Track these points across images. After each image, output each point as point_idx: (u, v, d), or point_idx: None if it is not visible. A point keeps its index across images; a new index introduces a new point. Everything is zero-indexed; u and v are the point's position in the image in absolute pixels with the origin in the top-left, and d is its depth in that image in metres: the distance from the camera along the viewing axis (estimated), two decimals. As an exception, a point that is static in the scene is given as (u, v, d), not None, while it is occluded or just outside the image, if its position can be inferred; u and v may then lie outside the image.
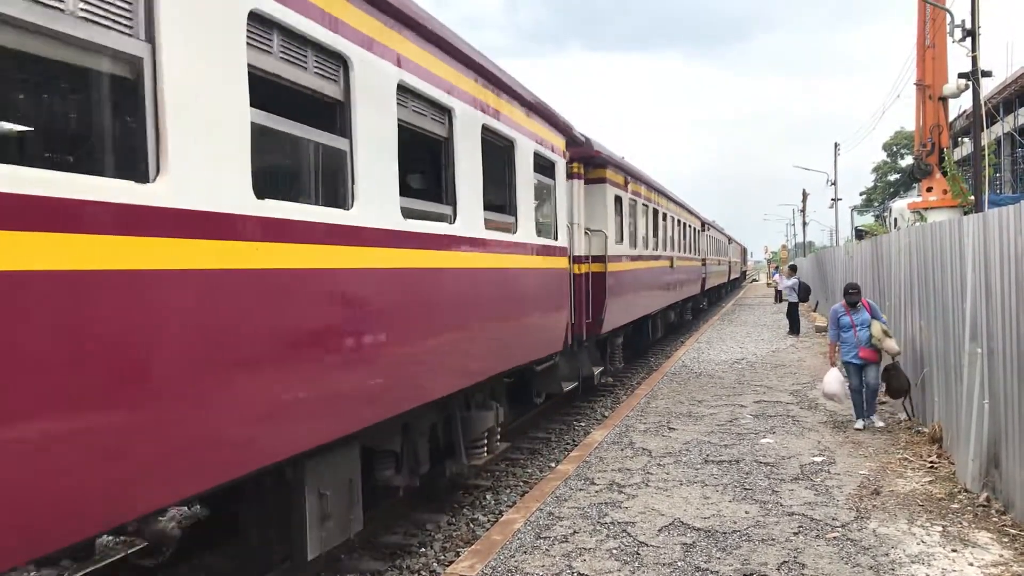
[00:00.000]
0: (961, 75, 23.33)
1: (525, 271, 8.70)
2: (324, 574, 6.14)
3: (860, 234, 38.76)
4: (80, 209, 3.26)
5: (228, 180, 4.12)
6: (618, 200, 13.98)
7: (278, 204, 4.47)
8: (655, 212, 18.37)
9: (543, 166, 9.55)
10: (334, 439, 5.04)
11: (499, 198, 8.36)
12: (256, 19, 4.38)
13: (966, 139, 37.18)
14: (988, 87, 27.63)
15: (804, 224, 79.85)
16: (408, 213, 5.98)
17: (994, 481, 6.64)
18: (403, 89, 5.98)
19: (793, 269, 26.82)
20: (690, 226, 26.16)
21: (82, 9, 3.37)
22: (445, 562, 6.55)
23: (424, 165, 7.34)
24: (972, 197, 23.71)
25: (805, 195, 77.48)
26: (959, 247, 7.57)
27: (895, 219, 28.87)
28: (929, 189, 27.07)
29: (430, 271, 6.33)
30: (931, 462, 8.03)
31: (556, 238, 9.89)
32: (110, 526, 3.64)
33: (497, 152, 8.13)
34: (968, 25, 21.48)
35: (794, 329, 22.37)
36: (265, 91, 4.52)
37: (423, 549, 6.92)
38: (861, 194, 79.16)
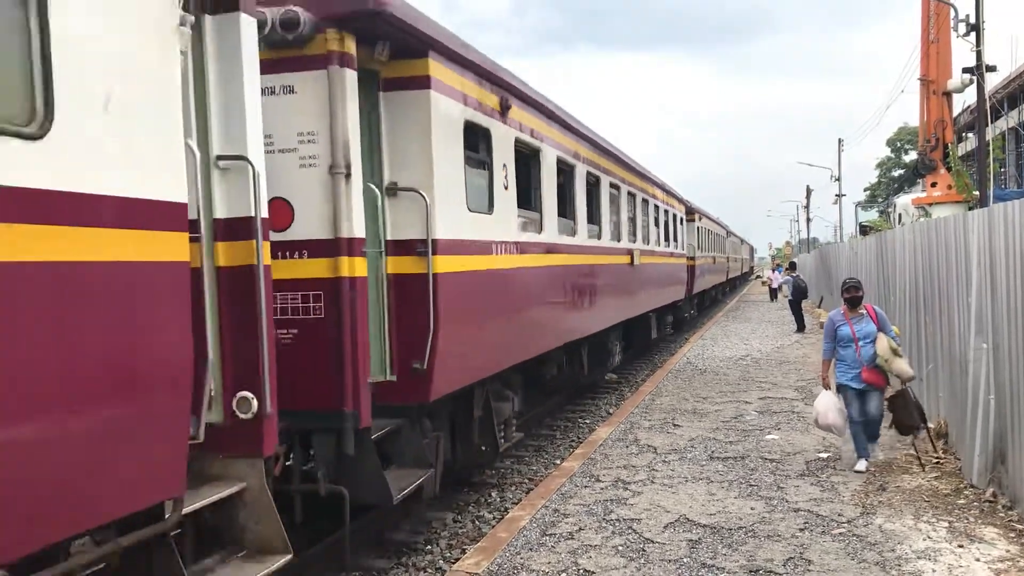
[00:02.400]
0: (965, 70, 23.32)
1: (680, 264, 21.81)
2: (329, 572, 6.15)
3: (864, 230, 38.70)
4: None
5: None
6: (698, 228, 27.00)
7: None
8: (708, 230, 31.32)
9: (681, 221, 22.66)
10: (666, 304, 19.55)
11: (674, 236, 20.60)
12: None
13: (970, 134, 37.06)
14: (992, 82, 27.52)
15: (808, 220, 79.82)
16: (693, 249, 24.69)
17: (1000, 477, 6.63)
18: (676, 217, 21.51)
19: (792, 266, 26.74)
20: (720, 234, 37.87)
21: None
22: (451, 559, 6.55)
23: (667, 234, 19.46)
24: (977, 192, 23.67)
25: (809, 191, 77.44)
26: (964, 243, 7.55)
27: (899, 215, 28.87)
28: (933, 184, 27.03)
29: (666, 263, 19.14)
30: (937, 458, 8.02)
31: (685, 250, 22.78)
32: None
33: (674, 221, 20.88)
34: (972, 20, 21.45)
35: (800, 326, 22.35)
36: None
37: (429, 547, 6.93)
38: (865, 190, 78.96)
